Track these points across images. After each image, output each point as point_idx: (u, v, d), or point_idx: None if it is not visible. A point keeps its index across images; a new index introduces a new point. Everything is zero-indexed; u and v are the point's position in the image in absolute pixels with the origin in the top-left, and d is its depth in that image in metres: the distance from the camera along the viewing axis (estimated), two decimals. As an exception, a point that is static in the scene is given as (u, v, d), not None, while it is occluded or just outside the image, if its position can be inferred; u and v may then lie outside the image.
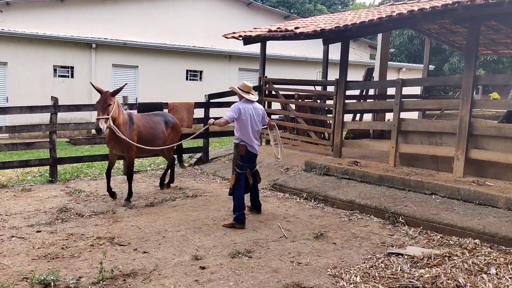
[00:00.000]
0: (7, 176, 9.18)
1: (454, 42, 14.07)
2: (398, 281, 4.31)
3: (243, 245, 5.41)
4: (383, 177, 7.63)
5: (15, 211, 6.77)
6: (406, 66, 25.73)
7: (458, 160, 7.57)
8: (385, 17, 8.00)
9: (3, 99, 16.64)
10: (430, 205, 6.56)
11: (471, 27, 7.82)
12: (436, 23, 11.50)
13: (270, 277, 4.50)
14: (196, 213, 6.81)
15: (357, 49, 24.84)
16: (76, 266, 4.71)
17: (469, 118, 7.50)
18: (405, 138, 8.57)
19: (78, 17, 18.72)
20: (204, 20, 21.34)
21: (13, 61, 16.66)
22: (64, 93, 16.56)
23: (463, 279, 4.29)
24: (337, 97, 9.63)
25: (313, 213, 6.95)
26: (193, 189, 8.33)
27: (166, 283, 4.34)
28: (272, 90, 11.61)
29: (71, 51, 17.63)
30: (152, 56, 19.10)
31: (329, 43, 11.06)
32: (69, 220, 6.31)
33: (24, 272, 4.48)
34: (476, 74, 7.75)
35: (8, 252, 5.10)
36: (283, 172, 9.26)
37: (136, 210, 6.93)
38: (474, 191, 6.53)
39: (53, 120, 8.88)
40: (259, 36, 10.88)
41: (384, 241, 5.63)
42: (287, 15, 24.62)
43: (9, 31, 16.53)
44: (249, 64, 20.94)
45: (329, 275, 4.58)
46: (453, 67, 27.01)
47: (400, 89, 8.52)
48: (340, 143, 9.58)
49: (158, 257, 5.03)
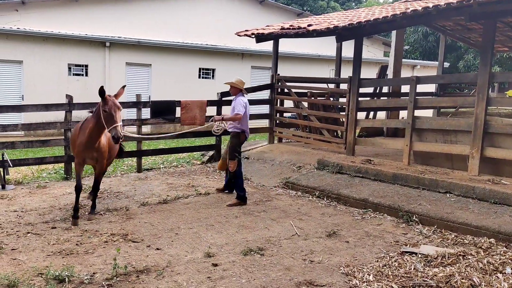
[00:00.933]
0: (22, 173, 9.31)
1: (469, 39, 13.90)
2: (412, 280, 4.28)
3: (255, 243, 5.41)
4: (397, 175, 7.57)
5: (31, 207, 6.86)
6: (420, 64, 25.46)
7: (473, 159, 7.48)
8: (399, 14, 7.93)
9: (19, 97, 16.86)
10: (444, 203, 6.50)
11: (486, 23, 7.71)
12: (451, 20, 11.36)
13: (283, 275, 4.50)
14: (208, 211, 6.83)
15: (371, 46, 24.66)
16: (90, 262, 4.76)
17: (485, 116, 7.40)
18: (420, 136, 8.49)
19: (92, 16, 18.88)
20: (217, 18, 21.36)
21: (28, 59, 16.87)
22: (79, 91, 16.70)
23: (478, 278, 4.24)
24: (350, 94, 9.57)
25: (325, 211, 6.93)
26: (206, 187, 8.35)
27: (178, 279, 4.36)
28: (285, 88, 11.59)
29: (86, 49, 17.78)
30: (165, 54, 19.18)
31: (342, 40, 11.01)
32: (84, 217, 6.38)
33: (39, 268, 4.55)
34: (491, 71, 7.64)
35: (24, 248, 5.18)
36: (295, 170, 9.24)
37: (149, 207, 6.98)
38: (489, 190, 6.44)
39: (68, 118, 8.98)
40: (271, 34, 10.85)
41: (397, 240, 5.59)
42: (300, 13, 24.51)
43: (25, 30, 16.73)
44: (262, 62, 20.91)
45: (342, 273, 4.56)
46: (468, 64, 26.68)
47: (415, 86, 8.44)
48: (353, 141, 9.53)
49: (171, 254, 5.06)
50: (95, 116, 6.05)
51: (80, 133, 6.26)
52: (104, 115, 5.85)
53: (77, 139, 6.30)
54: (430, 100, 11.36)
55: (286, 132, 11.96)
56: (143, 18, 19.89)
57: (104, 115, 5.84)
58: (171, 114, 9.81)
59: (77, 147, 6.31)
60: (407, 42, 27.53)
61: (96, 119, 6.01)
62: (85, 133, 6.17)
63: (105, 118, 5.85)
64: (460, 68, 27.04)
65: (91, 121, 6.13)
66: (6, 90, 16.76)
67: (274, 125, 11.75)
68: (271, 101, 11.71)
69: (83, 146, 6.21)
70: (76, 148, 6.34)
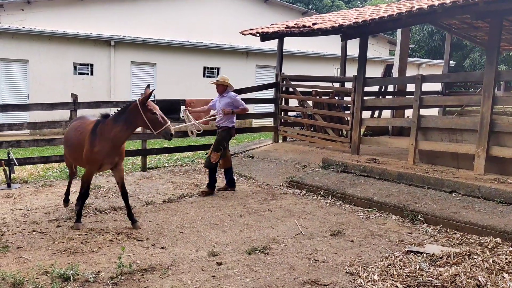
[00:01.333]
0: (28, 171, 9.35)
1: (475, 37, 13.82)
2: (417, 280, 4.26)
3: (259, 242, 5.41)
4: (402, 174, 7.55)
5: (36, 206, 6.89)
6: (426, 62, 25.36)
7: (479, 158, 7.44)
8: (404, 12, 7.89)
9: (24, 96, 16.95)
10: (450, 203, 6.47)
11: (493, 22, 7.65)
12: (457, 18, 11.30)
13: (287, 274, 4.49)
14: (213, 210, 6.84)
15: (376, 44, 24.59)
16: (95, 261, 4.77)
17: (491, 114, 7.35)
18: (425, 135, 8.46)
19: (97, 15, 18.95)
20: (221, 17, 21.37)
21: (34, 58, 16.94)
22: (84, 90, 16.80)
23: (483, 278, 4.21)
24: (355, 93, 9.54)
25: (330, 210, 6.91)
26: (210, 186, 8.35)
27: (183, 278, 4.37)
28: (290, 87, 11.58)
29: (91, 48, 17.84)
30: (169, 53, 19.22)
31: (348, 39, 10.95)
32: (89, 216, 6.40)
33: (44, 266, 4.56)
34: (498, 70, 7.59)
35: (29, 246, 5.20)
36: (300, 169, 9.23)
37: (154, 206, 6.99)
38: (495, 189, 6.41)
39: (73, 117, 8.99)
40: (276, 33, 10.84)
41: (402, 239, 5.57)
42: (305, 11, 24.48)
43: (30, 29, 16.80)
44: (266, 61, 20.90)
45: (347, 272, 4.54)
46: (474, 63, 26.53)
47: (420, 85, 8.40)
48: (358, 140, 9.50)
49: (175, 252, 5.06)
50: (126, 121, 5.68)
51: (100, 140, 5.70)
52: (151, 118, 5.62)
53: (95, 147, 5.70)
54: (435, 99, 11.31)
55: (290, 131, 11.95)
56: (148, 17, 19.94)
57: (152, 117, 5.62)
58: (175, 113, 9.82)
59: (96, 154, 5.72)
60: (412, 41, 27.41)
61: (127, 124, 5.69)
62: (108, 139, 5.68)
63: (152, 121, 5.64)
64: (466, 67, 26.90)
65: (117, 126, 5.69)
66: (12, 89, 16.85)
67: (279, 124, 11.74)
68: (276, 100, 11.70)
69: (106, 153, 5.74)
70: (95, 155, 5.73)
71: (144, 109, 5.63)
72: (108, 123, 5.78)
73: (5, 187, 8.11)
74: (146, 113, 5.62)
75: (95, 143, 5.72)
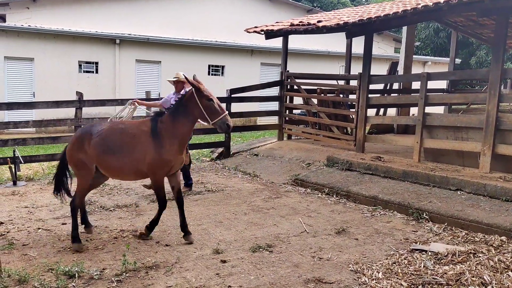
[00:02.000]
0: (34, 169, 9.40)
1: (481, 35, 13.73)
2: (421, 278, 4.24)
3: (264, 240, 5.41)
4: (407, 172, 7.52)
5: (41, 203, 6.92)
6: (431, 60, 25.24)
7: (485, 156, 7.40)
8: (410, 9, 7.85)
9: (30, 94, 17.02)
10: (455, 201, 6.44)
11: (499, 19, 7.60)
12: (462, 16, 11.23)
13: (291, 272, 4.49)
14: (217, 207, 6.84)
15: (381, 42, 24.49)
16: (100, 258, 4.79)
17: (497, 112, 7.31)
18: (430, 133, 8.42)
19: (102, 13, 18.98)
20: (226, 15, 21.36)
21: (39, 56, 17.01)
22: (89, 88, 16.85)
23: (489, 276, 4.19)
24: (360, 91, 9.51)
25: (335, 208, 6.90)
26: (215, 184, 8.37)
27: (187, 276, 4.37)
28: (294, 85, 11.56)
29: (96, 46, 17.89)
30: (174, 51, 19.23)
31: (353, 37, 10.94)
32: (93, 213, 6.42)
33: (49, 263, 4.58)
34: (504, 67, 7.54)
35: (34, 243, 5.23)
36: (304, 167, 9.22)
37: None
38: (501, 187, 6.37)
39: (78, 115, 9.04)
40: (281, 30, 10.82)
41: (407, 237, 5.55)
42: (310, 9, 24.42)
43: (36, 27, 16.87)
44: (271, 59, 20.89)
45: (351, 270, 4.54)
46: (480, 61, 26.39)
47: (425, 83, 8.36)
48: (363, 138, 9.48)
49: (179, 250, 5.07)
50: (185, 114, 5.12)
51: (166, 140, 5.06)
52: (208, 105, 5.03)
53: (163, 148, 5.05)
54: (441, 97, 11.26)
55: (295, 129, 11.93)
56: (152, 15, 19.95)
57: (208, 105, 5.03)
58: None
59: (166, 156, 5.09)
60: (418, 38, 27.29)
61: (187, 117, 5.13)
62: (174, 137, 5.10)
63: (208, 108, 5.04)
64: (472, 65, 26.75)
65: (178, 121, 5.11)
66: (17, 87, 16.94)
67: (284, 122, 11.73)
68: (281, 98, 11.69)
69: (175, 153, 5.16)
70: (166, 157, 5.09)
71: (200, 95, 5.05)
72: (167, 120, 5.14)
73: (10, 184, 8.16)
74: (202, 99, 5.04)
75: (163, 144, 5.05)
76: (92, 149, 5.12)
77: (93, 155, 5.13)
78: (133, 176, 5.35)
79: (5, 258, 4.73)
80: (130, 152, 5.09)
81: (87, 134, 5.22)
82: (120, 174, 5.35)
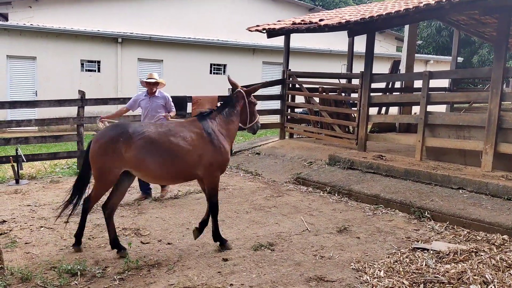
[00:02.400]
0: (36, 168, 9.42)
1: (483, 33, 13.72)
2: (423, 276, 4.25)
3: (265, 238, 5.42)
4: (409, 171, 7.52)
5: (44, 202, 6.95)
6: (433, 59, 25.17)
7: (487, 154, 7.39)
8: (412, 8, 7.85)
9: (32, 93, 17.04)
10: (457, 199, 6.44)
11: (501, 17, 7.59)
12: (465, 14, 11.21)
13: (293, 270, 4.50)
14: (219, 206, 6.82)
15: (383, 41, 24.44)
16: (102, 256, 4.81)
17: (499, 111, 7.30)
18: (432, 131, 8.42)
19: (105, 12, 18.99)
20: (228, 13, 21.34)
21: (41, 55, 17.03)
22: (91, 87, 16.85)
23: (490, 275, 4.19)
24: (362, 90, 9.51)
25: (336, 207, 6.91)
26: (217, 182, 8.37)
27: (189, 274, 4.38)
28: (296, 84, 11.56)
29: (98, 45, 17.90)
30: (176, 50, 19.23)
31: (354, 35, 10.93)
32: (96, 212, 6.43)
33: (52, 262, 4.60)
34: (506, 66, 7.54)
35: (37, 242, 5.25)
36: (306, 166, 9.22)
37: (160, 202, 7.02)
38: (503, 186, 6.37)
39: (81, 114, 9.06)
40: (283, 29, 10.82)
41: (409, 236, 5.55)
42: (312, 8, 24.37)
43: (38, 26, 16.88)
44: (273, 57, 20.87)
45: (353, 269, 4.54)
46: (483, 59, 26.33)
47: (427, 81, 8.35)
48: (365, 137, 9.48)
49: (182, 248, 5.08)
50: (237, 115, 5.23)
51: (224, 139, 5.02)
52: (253, 111, 5.32)
53: (222, 147, 4.97)
54: (443, 96, 11.25)
55: (297, 128, 11.94)
56: (154, 14, 19.95)
57: (253, 110, 5.33)
58: (182, 110, 9.85)
59: (227, 155, 5.06)
60: (420, 37, 27.22)
61: (237, 118, 5.25)
62: (228, 136, 5.13)
63: (253, 113, 5.33)
64: (474, 63, 26.69)
65: (231, 121, 5.16)
66: (20, 86, 16.95)
67: (285, 121, 11.74)
68: (282, 96, 11.70)
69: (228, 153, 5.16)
70: (226, 156, 5.04)
71: (250, 101, 5.30)
72: (220, 119, 5.09)
73: (13, 183, 8.18)
74: (251, 104, 5.30)
75: (222, 144, 4.96)
76: (133, 152, 4.62)
77: (132, 159, 4.64)
78: (181, 180, 5.14)
79: (8, 256, 4.75)
80: (184, 155, 4.77)
81: (124, 135, 4.65)
82: (165, 179, 5.10)
